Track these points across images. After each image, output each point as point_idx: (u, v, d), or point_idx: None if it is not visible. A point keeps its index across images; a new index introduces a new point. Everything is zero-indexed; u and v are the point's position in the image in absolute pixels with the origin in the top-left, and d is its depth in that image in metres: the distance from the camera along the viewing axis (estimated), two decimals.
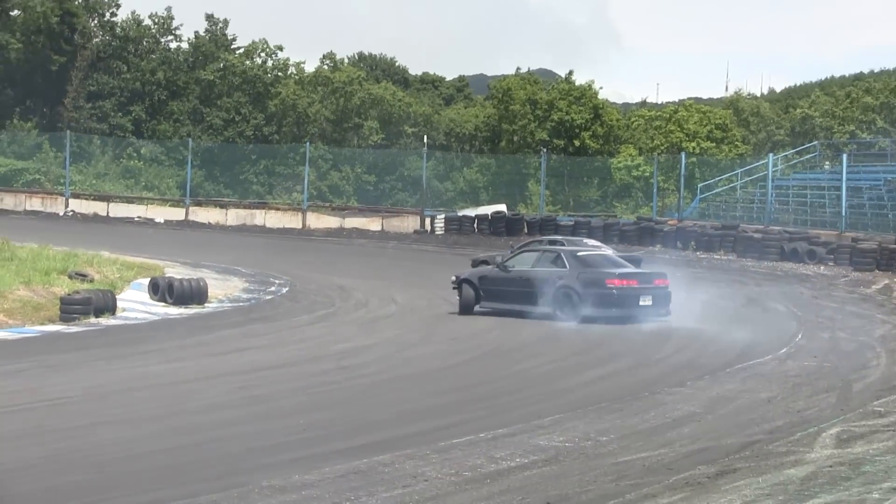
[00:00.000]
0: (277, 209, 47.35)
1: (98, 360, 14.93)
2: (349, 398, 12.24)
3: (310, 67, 60.82)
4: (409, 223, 45.19)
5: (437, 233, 43.75)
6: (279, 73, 58.25)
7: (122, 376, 13.52)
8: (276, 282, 27.25)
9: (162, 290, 22.75)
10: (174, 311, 21.79)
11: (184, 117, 55.38)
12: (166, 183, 51.21)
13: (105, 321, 19.73)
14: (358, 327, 19.26)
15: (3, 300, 19.78)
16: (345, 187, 52.51)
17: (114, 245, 31.47)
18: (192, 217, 46.31)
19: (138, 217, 46.32)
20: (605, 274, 19.93)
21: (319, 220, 46.01)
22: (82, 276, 23.07)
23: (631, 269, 20.78)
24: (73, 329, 18.66)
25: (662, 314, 19.83)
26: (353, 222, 45.69)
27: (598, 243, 26.05)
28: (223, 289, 25.36)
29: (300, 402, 11.85)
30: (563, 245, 23.12)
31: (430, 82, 75.97)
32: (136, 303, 22.15)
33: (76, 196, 47.52)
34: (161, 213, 46.33)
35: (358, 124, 56.82)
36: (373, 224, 44.99)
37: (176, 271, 26.82)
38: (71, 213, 46.65)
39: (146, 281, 23.80)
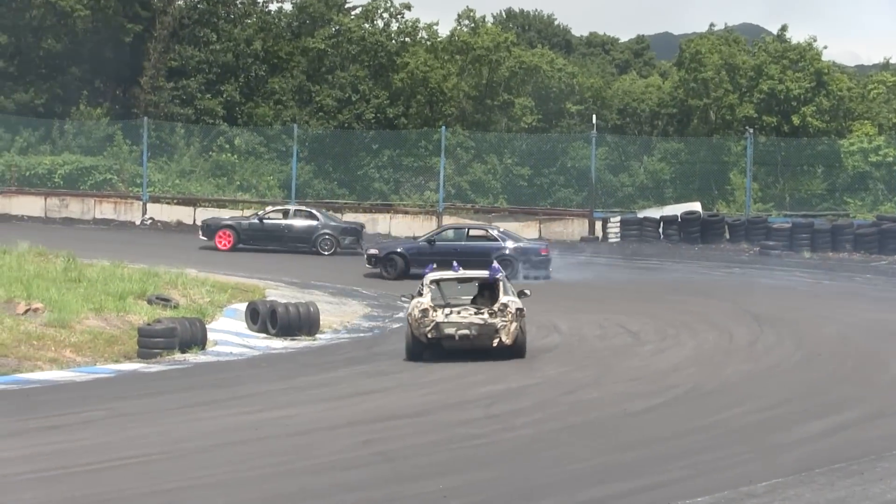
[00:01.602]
0: (406, 212, 47.78)
1: (184, 408, 15.31)
2: (501, 456, 12.23)
3: (444, 30, 61.30)
4: (575, 228, 45.05)
5: (610, 240, 43.50)
6: (406, 39, 58.80)
7: (215, 427, 13.82)
8: (405, 306, 27.42)
9: (263, 317, 23.20)
10: (278, 343, 22.20)
11: (287, 98, 56.33)
12: (266, 181, 52.16)
13: (193, 357, 20.23)
14: (510, 364, 19.24)
15: (70, 332, 20.49)
16: (491, 183, 52.69)
17: (202, 261, 32.31)
18: None
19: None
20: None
21: None
22: (164, 301, 23.73)
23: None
24: (153, 367, 19.18)
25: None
26: (501, 228, 45.74)
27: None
28: (339, 315, 25.73)
29: (439, 461, 11.89)
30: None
31: (598, 45, 75.70)
32: (230, 333, 22.65)
33: (155, 200, 48.88)
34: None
35: (507, 102, 56.95)
36: (528, 230, 45.00)
37: (280, 293, 27.35)
38: (149, 220, 48.02)
39: (243, 306, 24.32)
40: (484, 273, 21.44)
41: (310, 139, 53.50)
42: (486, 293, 20.98)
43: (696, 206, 44.19)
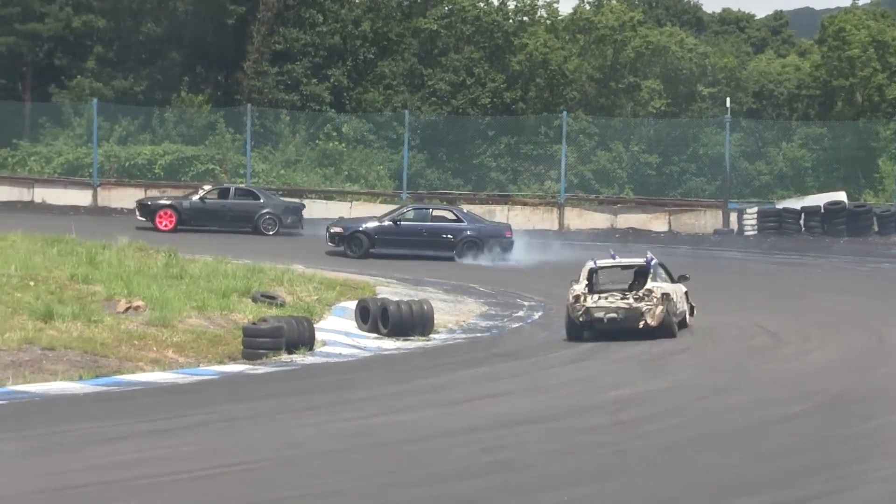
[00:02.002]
0: (524, 203, 47.80)
1: (292, 412, 15.49)
2: (630, 465, 12.21)
3: (566, 8, 61.01)
4: (707, 220, 44.71)
5: (746, 233, 43.09)
6: (524, 18, 58.76)
7: (324, 433, 13.98)
8: (526, 304, 27.53)
9: (373, 316, 23.37)
10: (390, 344, 22.36)
11: (398, 82, 56.56)
12: (376, 171, 52.44)
13: (300, 358, 20.45)
14: (639, 366, 19.19)
15: (173, 332, 20.84)
16: (616, 172, 52.43)
17: (308, 256, 32.61)
18: None
19: (340, 218, 47.69)
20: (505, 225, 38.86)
21: (582, 218, 46.17)
22: (270, 299, 24.03)
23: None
24: (259, 369, 19.44)
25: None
26: (628, 220, 45.59)
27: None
28: (454, 314, 25.84)
29: (563, 471, 11.90)
30: None
31: (733, 23, 74.89)
32: (339, 333, 22.87)
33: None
34: (369, 211, 47.59)
35: (633, 85, 56.59)
36: (656, 222, 44.80)
37: (392, 290, 27.54)
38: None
39: (353, 304, 24.53)
40: (640, 260, 23.82)
41: (422, 126, 53.67)
42: (641, 279, 23.07)
43: (841, 196, 43.55)
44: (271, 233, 39.81)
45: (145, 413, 15.10)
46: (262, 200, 41.11)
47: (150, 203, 40.84)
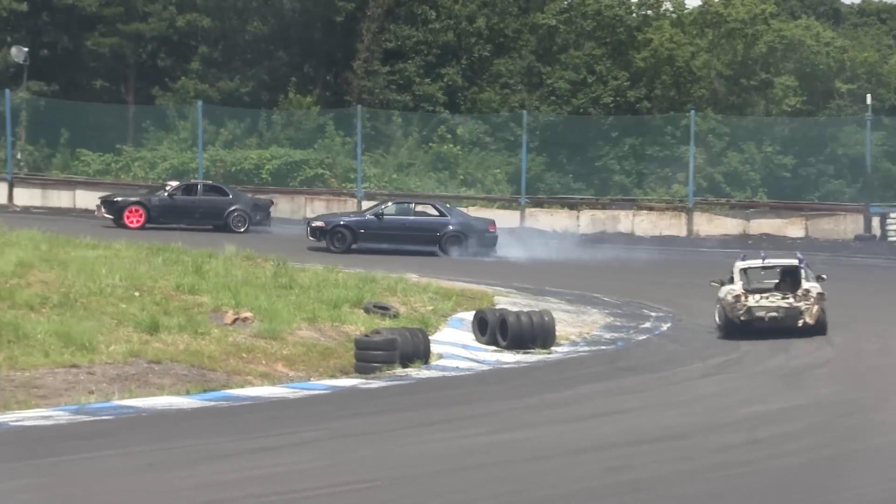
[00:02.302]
0: (650, 208, 47.55)
1: (408, 428, 15.52)
2: (767, 487, 12.06)
3: (693, 1, 60.59)
4: (847, 225, 44.15)
5: (889, 238, 42.46)
6: (648, 13, 58.48)
7: (442, 450, 13.99)
8: (653, 315, 27.38)
9: (491, 327, 23.39)
10: (509, 357, 22.35)
11: (515, 81, 56.54)
12: (492, 175, 52.43)
13: (415, 372, 20.50)
14: (776, 381, 18.98)
15: (282, 344, 21.02)
16: (748, 174, 51.92)
17: (422, 265, 32.69)
18: (529, 222, 47.25)
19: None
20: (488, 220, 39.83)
21: (712, 223, 45.78)
22: (383, 310, 24.14)
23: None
24: (372, 384, 19.52)
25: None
26: (761, 225, 45.18)
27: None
28: (577, 326, 25.77)
29: (696, 492, 11.81)
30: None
31: (873, 14, 73.83)
32: (456, 346, 22.90)
33: (371, 196, 49.60)
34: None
35: (765, 82, 56.06)
36: (792, 227, 44.31)
37: (511, 300, 27.52)
38: None
39: (469, 315, 24.57)
40: (792, 261, 25.44)
41: (541, 127, 53.61)
42: (788, 279, 24.64)
43: None
44: (241, 230, 40.39)
45: (254, 429, 15.22)
46: (230, 197, 41.94)
47: (117, 200, 41.31)
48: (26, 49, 53.06)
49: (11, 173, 48.80)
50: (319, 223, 38.09)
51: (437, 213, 38.85)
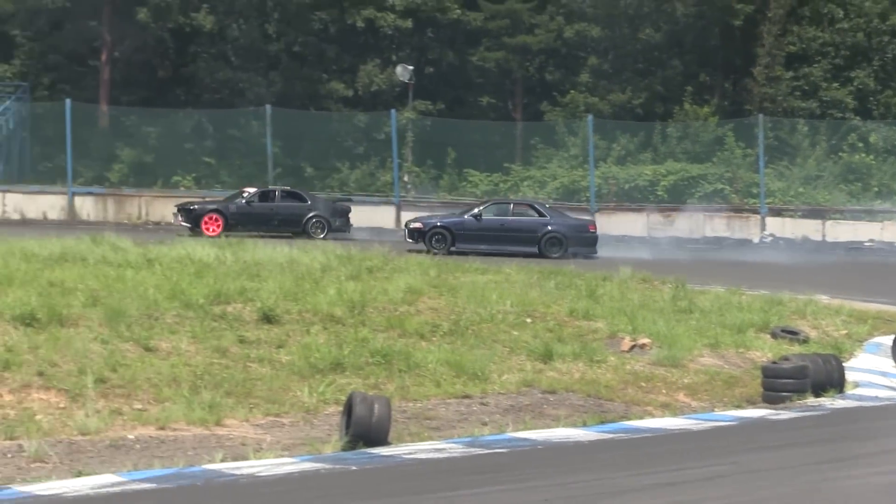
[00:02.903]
0: None
1: (822, 463, 15.17)
2: None
3: None
4: None
5: None
6: None
7: (862, 489, 13.65)
8: None
9: None
10: None
11: None
12: None
13: (829, 402, 20.05)
14: None
15: (683, 372, 20.96)
16: None
17: (832, 285, 32.01)
18: None
19: (869, 241, 46.72)
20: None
21: None
22: (792, 335, 23.78)
23: None
24: (781, 414, 19.19)
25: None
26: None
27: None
28: None
29: None
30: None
31: None
32: (874, 373, 22.28)
33: (776, 212, 48.99)
34: None
35: None
36: None
37: None
38: (769, 237, 48.20)
39: (887, 339, 23.90)
40: None
41: None
42: None
43: None
44: (321, 236, 41.60)
45: (656, 463, 15.22)
46: (308, 203, 43.67)
47: (194, 207, 42.99)
48: (411, 67, 54.81)
49: (399, 196, 50.41)
50: (417, 224, 40.25)
51: (535, 214, 40.77)
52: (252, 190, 45.22)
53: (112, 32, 58.42)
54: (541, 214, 40.75)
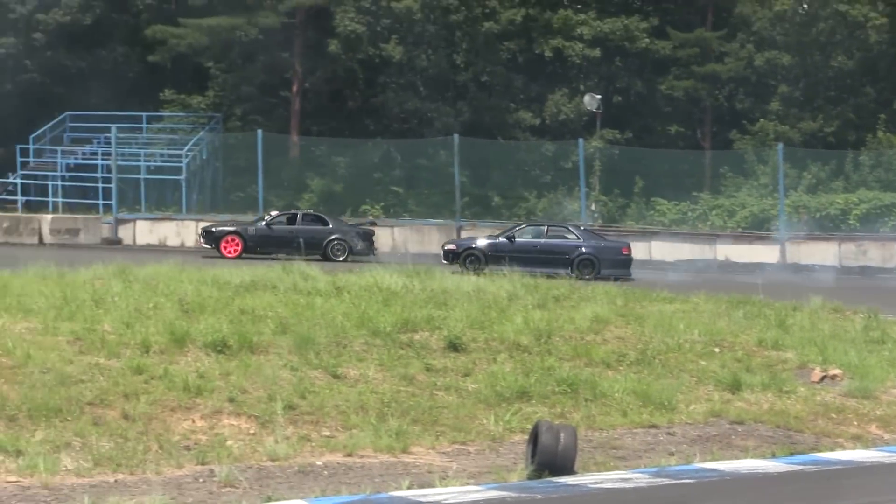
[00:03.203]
0: None
1: None
2: None
3: None
4: None
5: None
6: None
7: None
8: None
9: None
10: None
11: None
12: None
13: None
14: None
15: (875, 403, 20.57)
16: None
17: None
18: None
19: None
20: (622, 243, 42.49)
21: None
22: None
23: None
24: None
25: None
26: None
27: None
28: None
29: None
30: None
31: None
32: None
33: None
34: None
35: None
36: None
37: None
38: None
39: None
40: None
41: None
42: None
43: None
44: (341, 258, 42.24)
45: (847, 496, 15.01)
46: (330, 226, 43.97)
47: (214, 230, 43.71)
48: (599, 96, 54.86)
49: (586, 225, 50.43)
50: (451, 246, 41.84)
51: (569, 236, 41.52)
52: (275, 212, 46.26)
53: (303, 64, 59.62)
54: (574, 237, 41.49)
